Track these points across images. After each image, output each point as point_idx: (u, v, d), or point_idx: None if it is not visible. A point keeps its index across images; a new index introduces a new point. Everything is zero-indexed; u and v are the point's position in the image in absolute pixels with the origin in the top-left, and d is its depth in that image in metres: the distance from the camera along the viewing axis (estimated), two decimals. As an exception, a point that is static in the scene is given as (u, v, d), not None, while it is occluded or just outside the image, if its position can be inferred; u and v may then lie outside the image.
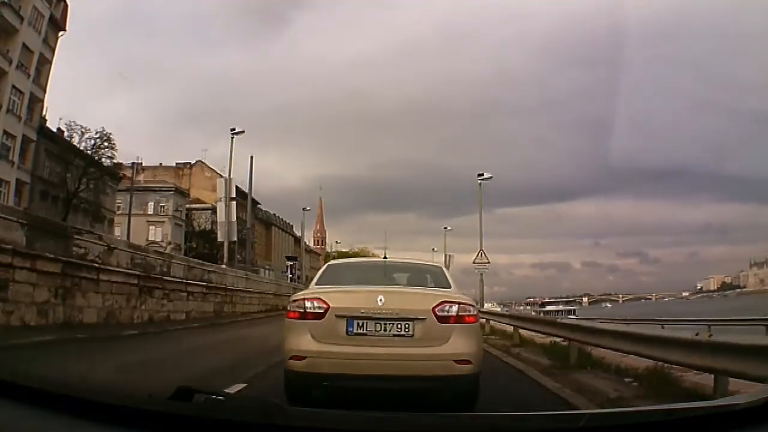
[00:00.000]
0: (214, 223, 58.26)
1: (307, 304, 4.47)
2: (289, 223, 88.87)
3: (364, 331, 4.31)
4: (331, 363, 4.24)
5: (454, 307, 4.41)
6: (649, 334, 6.24)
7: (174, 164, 68.66)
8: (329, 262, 6.12)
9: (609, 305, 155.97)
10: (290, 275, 54.16)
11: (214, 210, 59.63)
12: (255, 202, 75.29)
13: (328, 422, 1.37)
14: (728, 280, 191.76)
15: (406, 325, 4.32)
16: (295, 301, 4.63)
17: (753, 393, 1.64)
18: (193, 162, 70.26)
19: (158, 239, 54.95)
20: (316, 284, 5.15)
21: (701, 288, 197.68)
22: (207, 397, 1.32)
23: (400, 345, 4.29)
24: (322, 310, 4.38)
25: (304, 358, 4.30)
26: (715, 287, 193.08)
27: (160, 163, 65.92)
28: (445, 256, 37.01)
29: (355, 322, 4.32)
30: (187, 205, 63.79)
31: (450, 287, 5.09)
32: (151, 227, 57.53)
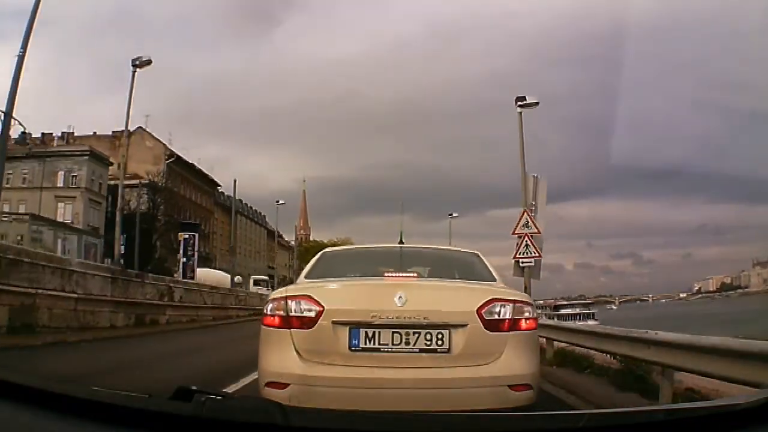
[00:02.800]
0: (152, 202, 47.32)
1: (291, 305, 3.22)
2: (261, 214, 76.12)
3: (376, 345, 3.08)
4: (327, 394, 2.98)
5: (508, 308, 3.21)
6: None
7: (110, 132, 54.68)
8: (324, 250, 4.79)
9: (614, 307, 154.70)
10: (185, 261, 35.27)
11: (152, 187, 48.54)
12: (215, 185, 63.47)
13: (328, 422, 1.37)
14: (728, 280, 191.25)
15: (440, 336, 3.08)
16: (274, 300, 3.35)
17: (753, 393, 1.65)
18: (132, 129, 57.26)
19: (68, 219, 43.55)
20: (306, 277, 3.90)
21: (699, 289, 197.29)
22: (207, 397, 1.32)
23: (430, 365, 3.07)
24: (312, 314, 3.14)
25: (287, 385, 3.05)
26: (715, 288, 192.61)
27: (95, 132, 53.48)
28: (533, 179, 15.35)
29: (363, 331, 3.09)
30: (119, 182, 49.91)
31: (495, 280, 3.85)
32: (60, 204, 44.19)
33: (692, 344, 4.71)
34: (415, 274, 3.75)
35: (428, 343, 3.09)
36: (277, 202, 48.78)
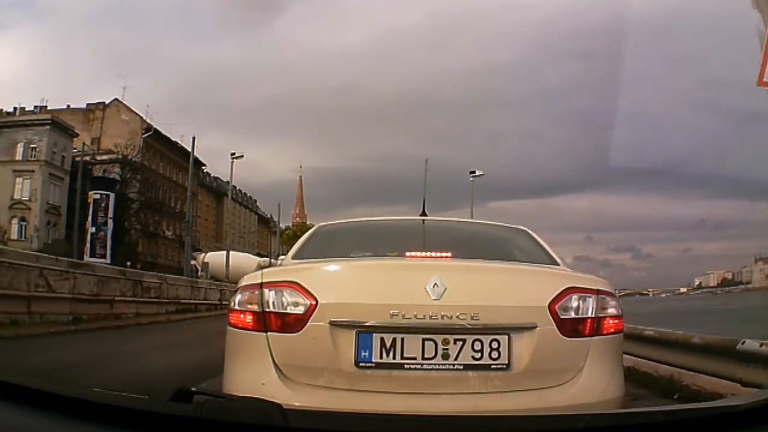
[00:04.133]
0: (122, 179, 42.78)
1: (269, 296, 2.23)
2: (251, 198, 71.64)
3: (398, 360, 2.10)
4: None
5: (590, 301, 2.25)
6: None
7: (85, 105, 51.10)
8: (319, 225, 3.75)
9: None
10: (94, 231, 27.85)
11: (123, 161, 45.20)
12: (200, 164, 55.81)
13: (328, 423, 1.37)
14: (729, 276, 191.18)
15: (495, 344, 2.12)
16: (244, 289, 2.33)
17: (754, 393, 1.64)
18: (107, 101, 51.57)
19: (25, 197, 39.17)
20: (294, 258, 2.90)
21: (700, 284, 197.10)
22: (206, 398, 1.32)
23: (481, 390, 2.10)
24: (300, 311, 2.17)
25: None
26: (715, 283, 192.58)
27: (68, 105, 49.76)
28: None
29: (377, 337, 2.11)
30: (88, 157, 41.73)
31: (557, 264, 2.85)
32: (18, 179, 39.85)
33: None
34: (450, 254, 2.57)
35: (477, 355, 2.11)
36: (233, 155, 38.32)
